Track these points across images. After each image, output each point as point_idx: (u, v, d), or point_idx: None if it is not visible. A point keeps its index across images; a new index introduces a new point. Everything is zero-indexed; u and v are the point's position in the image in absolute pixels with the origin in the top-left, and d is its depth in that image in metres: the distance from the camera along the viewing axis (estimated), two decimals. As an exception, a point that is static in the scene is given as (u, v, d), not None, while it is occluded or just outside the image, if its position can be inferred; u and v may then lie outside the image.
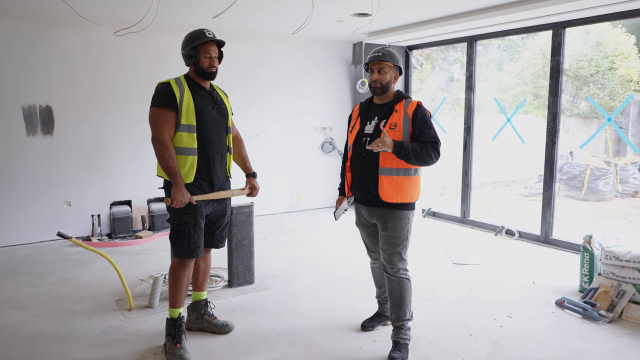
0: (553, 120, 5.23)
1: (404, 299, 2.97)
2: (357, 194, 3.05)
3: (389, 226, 2.91)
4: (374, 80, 2.92)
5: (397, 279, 2.96)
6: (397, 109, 2.90)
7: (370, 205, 2.98)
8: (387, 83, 2.93)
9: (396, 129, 2.85)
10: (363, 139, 2.97)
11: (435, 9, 5.16)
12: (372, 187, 2.91)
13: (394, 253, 2.94)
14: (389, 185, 2.86)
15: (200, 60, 2.93)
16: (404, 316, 2.99)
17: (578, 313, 3.55)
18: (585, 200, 8.36)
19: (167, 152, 2.81)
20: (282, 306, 3.75)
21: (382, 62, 2.91)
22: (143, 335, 3.26)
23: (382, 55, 2.91)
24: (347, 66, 7.38)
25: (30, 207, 5.43)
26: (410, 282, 3.00)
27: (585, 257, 3.97)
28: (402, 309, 2.97)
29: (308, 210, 7.27)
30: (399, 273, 2.95)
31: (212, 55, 2.96)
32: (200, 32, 2.94)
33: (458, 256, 4.98)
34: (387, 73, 2.92)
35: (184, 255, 2.97)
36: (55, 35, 5.36)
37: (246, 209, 4.12)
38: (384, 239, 2.96)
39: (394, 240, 2.93)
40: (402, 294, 2.96)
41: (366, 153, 2.91)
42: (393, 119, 2.87)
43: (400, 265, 2.96)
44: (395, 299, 2.98)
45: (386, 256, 2.96)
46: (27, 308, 3.70)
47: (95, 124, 5.69)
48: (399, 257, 2.95)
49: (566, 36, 5.11)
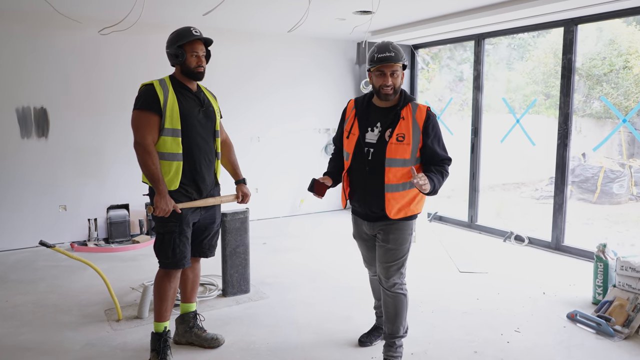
0: (565, 121, 5.00)
1: (398, 315, 2.78)
2: (357, 207, 2.79)
3: (391, 238, 2.68)
4: (387, 86, 2.55)
5: (393, 293, 2.75)
6: (404, 116, 2.57)
7: (373, 220, 2.73)
8: (399, 86, 2.61)
9: (404, 141, 2.54)
10: (365, 149, 2.63)
11: (440, 5, 4.95)
12: (376, 205, 2.65)
13: (392, 266, 2.72)
14: (396, 202, 2.60)
15: (187, 59, 2.76)
16: (397, 333, 2.81)
17: (591, 328, 3.33)
18: (599, 203, 8.08)
19: (149, 158, 2.65)
20: (276, 318, 3.57)
21: (395, 63, 2.53)
22: (129, 349, 3.10)
23: (394, 55, 2.52)
24: (350, 66, 7.18)
25: (25, 211, 5.31)
26: (406, 297, 2.80)
27: (599, 267, 3.74)
28: (395, 325, 2.79)
29: (311, 214, 7.09)
30: (394, 287, 2.75)
31: (199, 54, 2.79)
32: (186, 30, 2.77)
33: (464, 264, 4.77)
34: (399, 76, 2.57)
35: (169, 266, 2.80)
36: (50, 35, 5.23)
37: (241, 215, 3.95)
38: (383, 251, 2.72)
39: (394, 253, 2.70)
40: (396, 309, 2.77)
41: (370, 168, 2.61)
42: (400, 129, 2.55)
43: (397, 280, 2.75)
44: (389, 314, 2.79)
45: (383, 270, 2.74)
46: (13, 318, 3.56)
47: (91, 126, 5.56)
48: (397, 271, 2.73)
49: (578, 34, 4.88)
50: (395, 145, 2.54)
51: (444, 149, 2.65)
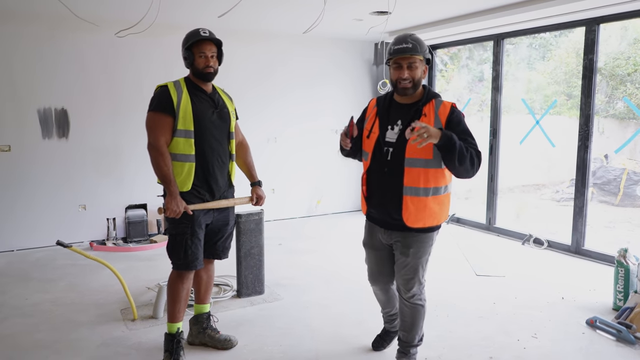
0: (586, 122, 4.89)
1: (414, 325, 2.73)
2: (374, 213, 2.66)
3: (411, 252, 2.54)
4: (404, 79, 2.40)
5: (411, 304, 2.68)
6: (426, 112, 2.42)
7: (390, 228, 2.60)
8: (419, 80, 2.43)
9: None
10: (384, 149, 2.48)
11: (459, 5, 4.89)
12: (393, 210, 2.49)
13: (411, 279, 2.61)
14: (415, 207, 2.43)
15: (195, 60, 2.77)
16: (412, 342, 2.76)
17: (611, 335, 3.25)
18: (621, 206, 7.90)
19: (162, 159, 2.67)
20: (290, 320, 3.56)
21: (413, 55, 2.38)
22: (144, 348, 3.13)
23: (412, 46, 2.36)
24: (368, 67, 7.15)
25: (46, 210, 5.41)
26: (424, 307, 2.73)
27: (620, 272, 3.65)
28: (411, 334, 2.75)
29: (327, 215, 7.07)
30: (413, 298, 2.66)
31: (207, 54, 2.78)
32: (194, 32, 2.78)
33: (481, 267, 4.71)
34: (418, 68, 2.40)
35: (181, 267, 2.82)
36: (69, 38, 5.31)
37: (256, 216, 3.95)
38: (402, 264, 2.60)
39: (414, 265, 2.57)
40: (413, 319, 2.71)
41: (388, 169, 2.47)
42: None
43: (417, 291, 2.65)
44: (406, 323, 2.74)
45: (403, 282, 2.64)
46: (32, 316, 3.62)
47: (109, 127, 5.63)
48: (417, 283, 2.63)
49: (600, 33, 4.77)
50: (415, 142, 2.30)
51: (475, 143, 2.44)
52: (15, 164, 5.22)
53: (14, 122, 5.18)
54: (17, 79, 5.16)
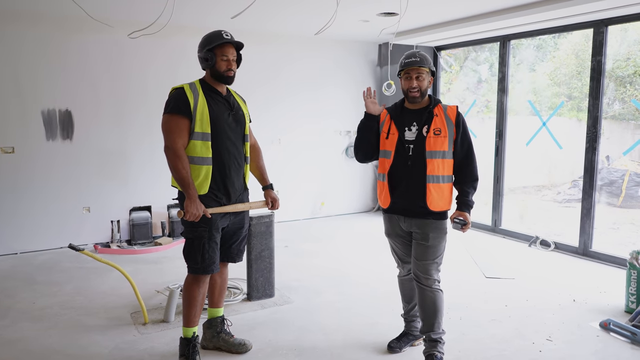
0: (593, 124, 4.89)
1: (438, 310, 2.87)
2: (398, 203, 2.90)
3: (431, 237, 2.83)
4: (413, 88, 2.81)
5: (432, 290, 2.86)
6: (437, 113, 2.83)
7: (411, 216, 2.87)
8: (426, 89, 2.85)
9: (441, 134, 2.78)
10: (406, 146, 2.84)
11: (466, 7, 4.89)
12: (419, 198, 2.81)
13: (431, 264, 2.84)
14: (437, 193, 2.79)
15: (217, 63, 2.75)
16: (439, 329, 2.88)
17: (626, 337, 3.24)
18: (624, 207, 7.91)
19: (180, 162, 2.64)
20: (303, 322, 3.54)
21: (420, 67, 2.80)
22: (156, 353, 3.09)
23: (420, 60, 2.80)
24: (372, 68, 7.13)
25: (50, 212, 5.36)
26: (443, 293, 2.91)
27: (632, 274, 3.65)
28: (437, 321, 2.88)
29: (332, 217, 7.05)
30: (434, 284, 2.86)
31: (229, 58, 2.77)
32: (217, 34, 2.75)
33: (490, 269, 4.70)
34: (424, 79, 2.83)
35: (198, 272, 2.79)
36: (74, 39, 5.27)
37: (266, 218, 3.93)
38: (421, 250, 2.85)
39: (433, 251, 2.84)
40: (436, 305, 2.87)
41: (411, 162, 2.81)
42: (436, 124, 2.80)
43: (436, 277, 2.87)
44: (430, 310, 2.86)
45: (422, 267, 2.85)
46: (41, 320, 3.58)
47: (114, 129, 5.59)
48: (436, 268, 2.87)
49: (608, 35, 4.78)
50: (434, 139, 2.76)
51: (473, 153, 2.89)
52: (18, 165, 5.17)
53: (17, 123, 5.13)
54: (21, 80, 5.11)
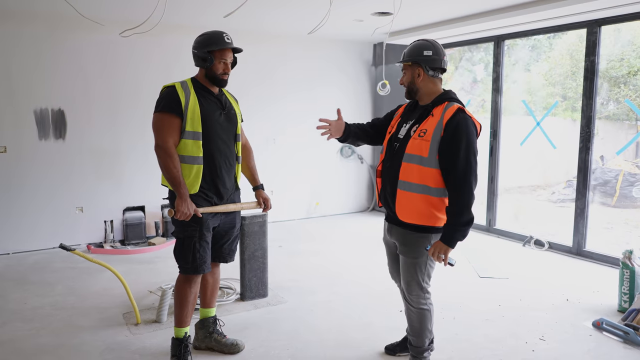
0: (587, 124, 4.90)
1: (422, 329, 2.71)
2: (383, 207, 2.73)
3: (406, 250, 2.58)
4: (401, 84, 2.67)
5: (417, 309, 2.68)
6: (434, 113, 2.49)
7: (390, 222, 2.69)
8: (411, 84, 2.58)
9: (424, 137, 2.43)
10: (394, 144, 2.61)
11: (459, 7, 4.88)
12: (390, 202, 2.58)
13: (411, 281, 2.62)
14: (407, 202, 2.48)
15: (214, 65, 2.73)
16: (422, 345, 2.74)
17: (618, 337, 3.24)
18: (618, 207, 7.94)
19: (171, 161, 2.62)
20: (296, 323, 3.52)
21: (404, 63, 2.61)
22: (148, 353, 3.07)
23: (402, 56, 2.64)
24: (367, 67, 7.13)
25: (42, 212, 5.32)
26: (430, 311, 2.71)
27: (625, 274, 3.65)
28: (420, 338, 2.73)
29: (326, 217, 7.04)
30: (419, 304, 2.66)
31: (227, 61, 2.76)
32: (219, 36, 2.72)
33: (484, 269, 4.70)
34: (406, 74, 2.62)
35: (189, 271, 2.77)
36: (67, 37, 5.24)
37: (259, 218, 3.91)
38: (402, 263, 2.64)
39: (412, 266, 2.58)
40: (421, 324, 2.70)
41: (391, 163, 2.57)
42: (425, 125, 2.47)
43: (421, 294, 2.64)
44: (414, 327, 2.73)
45: (405, 283, 2.66)
46: (32, 320, 3.55)
47: (107, 128, 5.56)
48: (418, 286, 2.62)
49: (602, 35, 4.78)
50: (417, 141, 2.45)
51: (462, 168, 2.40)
52: (11, 165, 5.14)
53: (10, 122, 5.10)
54: (13, 79, 5.07)
